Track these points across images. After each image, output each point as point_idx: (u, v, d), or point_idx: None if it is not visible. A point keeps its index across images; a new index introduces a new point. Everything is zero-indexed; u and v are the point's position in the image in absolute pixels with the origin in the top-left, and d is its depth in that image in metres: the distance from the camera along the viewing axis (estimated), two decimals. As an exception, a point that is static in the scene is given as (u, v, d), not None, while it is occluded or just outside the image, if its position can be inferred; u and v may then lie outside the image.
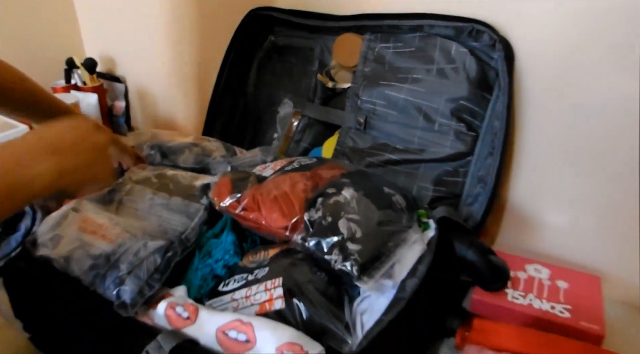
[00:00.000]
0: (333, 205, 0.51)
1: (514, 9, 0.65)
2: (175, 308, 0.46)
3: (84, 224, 0.52)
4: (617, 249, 0.69)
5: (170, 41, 1.04)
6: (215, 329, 0.43)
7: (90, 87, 1.11)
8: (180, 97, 1.11)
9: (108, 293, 0.47)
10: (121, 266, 0.47)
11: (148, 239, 0.50)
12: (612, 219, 0.68)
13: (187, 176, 0.60)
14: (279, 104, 0.78)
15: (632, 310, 0.69)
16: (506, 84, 0.63)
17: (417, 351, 0.57)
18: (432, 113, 0.67)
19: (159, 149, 0.66)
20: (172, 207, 0.55)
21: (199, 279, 0.52)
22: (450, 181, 0.67)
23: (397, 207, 0.55)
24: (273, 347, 0.41)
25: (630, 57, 0.59)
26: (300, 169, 0.57)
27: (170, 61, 1.07)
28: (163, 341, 0.42)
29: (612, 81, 0.62)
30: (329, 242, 0.48)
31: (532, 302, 0.64)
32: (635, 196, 0.65)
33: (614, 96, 0.62)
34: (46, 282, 0.52)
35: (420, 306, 0.50)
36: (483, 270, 0.57)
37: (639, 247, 0.67)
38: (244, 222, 0.54)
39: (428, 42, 0.68)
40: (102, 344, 0.49)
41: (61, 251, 0.50)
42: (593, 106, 0.64)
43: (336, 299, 0.47)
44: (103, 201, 0.58)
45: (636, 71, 0.60)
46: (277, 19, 0.79)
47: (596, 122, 0.65)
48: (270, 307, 0.45)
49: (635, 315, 0.68)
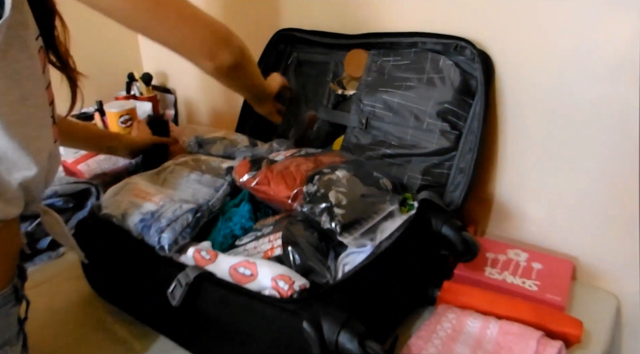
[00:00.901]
0: (327, 181, 0.64)
1: (494, 27, 0.76)
2: (200, 252, 0.60)
3: (137, 192, 0.68)
4: (588, 237, 0.77)
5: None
6: (229, 267, 0.57)
7: (146, 97, 1.30)
8: (218, 106, 1.28)
9: (152, 240, 0.61)
10: (162, 220, 0.62)
11: (183, 203, 0.65)
12: (584, 210, 0.76)
13: (217, 161, 0.75)
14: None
15: (599, 291, 0.76)
16: (483, 91, 0.74)
17: (398, 310, 0.68)
18: (421, 114, 0.79)
19: (197, 140, 0.82)
20: (203, 182, 0.70)
21: (220, 237, 0.66)
22: (437, 172, 0.78)
23: (383, 187, 0.68)
24: (269, 278, 0.53)
25: (595, 63, 0.68)
26: (305, 156, 0.71)
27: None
28: (190, 271, 0.56)
29: (581, 87, 0.70)
30: (320, 208, 0.61)
31: (506, 278, 0.73)
32: (604, 189, 0.74)
33: (584, 100, 0.71)
34: (107, 236, 0.68)
35: (395, 263, 0.61)
36: (456, 243, 0.67)
37: (607, 235, 0.75)
38: (257, 194, 0.68)
39: (421, 56, 0.80)
40: (146, 278, 0.63)
41: (119, 211, 0.66)
42: (565, 110, 0.73)
43: (323, 251, 0.60)
44: (152, 178, 0.74)
45: (602, 77, 0.68)
46: (299, 38, 0.94)
47: (568, 124, 0.73)
48: (272, 253, 0.58)
49: (600, 294, 0.76)
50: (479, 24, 0.77)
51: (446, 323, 0.64)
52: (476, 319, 0.64)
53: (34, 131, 0.48)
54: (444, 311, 0.66)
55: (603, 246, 0.76)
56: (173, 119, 1.37)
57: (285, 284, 0.52)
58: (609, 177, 0.72)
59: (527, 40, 0.73)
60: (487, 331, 0.62)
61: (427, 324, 0.64)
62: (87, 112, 1.30)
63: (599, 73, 0.68)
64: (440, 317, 0.65)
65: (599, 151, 0.72)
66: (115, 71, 1.34)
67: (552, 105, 0.74)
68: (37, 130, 0.49)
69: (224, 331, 0.57)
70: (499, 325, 0.62)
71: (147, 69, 1.40)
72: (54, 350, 0.67)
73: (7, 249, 0.50)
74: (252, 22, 1.08)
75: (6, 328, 0.48)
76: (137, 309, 0.70)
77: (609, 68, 0.67)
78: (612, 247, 0.75)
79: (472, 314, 0.65)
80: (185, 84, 1.35)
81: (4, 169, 0.46)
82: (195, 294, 0.56)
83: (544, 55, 0.72)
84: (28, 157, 0.47)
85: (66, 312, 0.75)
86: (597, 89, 0.70)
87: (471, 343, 0.61)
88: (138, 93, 1.30)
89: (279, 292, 0.52)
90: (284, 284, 0.52)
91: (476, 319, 0.64)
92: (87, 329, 0.72)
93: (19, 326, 0.51)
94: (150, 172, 0.75)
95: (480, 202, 0.86)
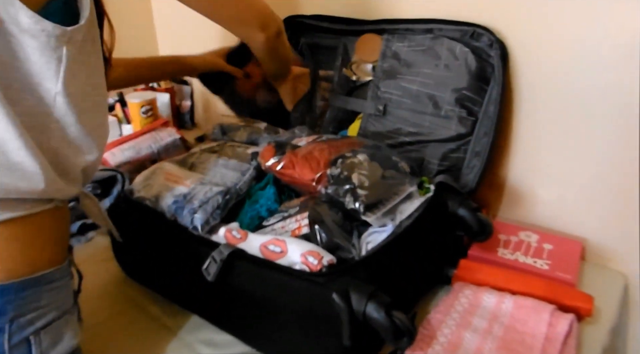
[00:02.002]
0: (349, 164, 0.67)
1: (511, 15, 0.78)
2: (231, 232, 0.63)
3: (168, 176, 0.72)
4: (597, 219, 0.80)
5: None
6: (259, 245, 0.61)
7: (163, 88, 1.33)
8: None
9: (185, 220, 0.65)
10: (194, 201, 0.65)
11: (213, 186, 0.68)
12: (593, 193, 0.79)
13: (242, 146, 0.79)
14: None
15: (608, 271, 0.80)
16: (500, 77, 0.77)
17: (417, 287, 0.72)
18: (440, 101, 0.81)
19: (221, 128, 0.85)
20: (230, 166, 0.73)
21: (247, 218, 0.69)
22: (454, 157, 0.81)
23: (401, 170, 0.71)
24: (298, 254, 0.57)
25: (607, 51, 0.71)
26: (327, 141, 0.74)
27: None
28: (223, 249, 0.59)
29: (593, 74, 0.73)
30: (344, 189, 0.64)
31: (518, 258, 0.77)
32: (613, 173, 0.76)
33: (595, 86, 0.73)
34: (141, 217, 0.71)
35: (414, 242, 0.64)
36: (471, 223, 0.70)
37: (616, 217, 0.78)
38: (282, 178, 0.71)
39: (437, 42, 0.82)
40: (179, 256, 0.67)
41: (152, 193, 0.69)
42: (577, 95, 0.76)
43: (348, 229, 0.63)
44: (180, 163, 0.77)
45: (613, 65, 0.71)
46: (307, 24, 0.97)
47: (579, 109, 0.76)
48: (299, 232, 0.62)
49: (609, 273, 0.79)
50: (494, 12, 0.80)
51: (463, 298, 0.67)
52: (492, 295, 0.67)
53: (99, 118, 0.53)
54: (460, 288, 0.69)
55: (611, 228, 0.79)
56: (189, 110, 1.41)
57: (315, 259, 0.55)
58: (617, 161, 0.75)
59: (541, 27, 0.76)
60: (502, 305, 0.66)
61: (445, 300, 0.68)
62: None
63: (610, 60, 0.71)
64: (457, 293, 0.68)
65: (608, 136, 0.75)
66: (133, 63, 1.37)
67: (564, 91, 0.77)
68: (101, 117, 0.54)
69: (255, 306, 0.61)
70: (514, 300, 0.66)
71: (164, 60, 1.43)
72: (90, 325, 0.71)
73: (64, 226, 0.54)
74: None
75: (66, 299, 0.53)
76: (168, 288, 0.74)
77: (619, 56, 0.70)
78: (620, 228, 0.78)
79: (487, 290, 0.68)
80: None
81: (72, 153, 0.51)
82: (229, 270, 0.59)
83: (557, 43, 0.75)
84: (93, 143, 0.52)
85: (99, 291, 0.79)
86: (608, 76, 0.72)
87: (487, 317, 0.64)
88: (156, 84, 1.34)
89: (309, 267, 0.56)
90: (313, 259, 0.56)
91: (492, 295, 0.67)
92: (120, 307, 0.76)
93: (75, 297, 0.55)
94: (177, 158, 0.79)
95: (492, 186, 0.89)
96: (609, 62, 0.71)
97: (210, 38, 1.14)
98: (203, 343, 0.67)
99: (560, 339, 0.59)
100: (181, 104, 1.41)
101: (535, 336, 0.60)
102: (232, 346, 0.66)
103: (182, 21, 1.33)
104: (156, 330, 0.70)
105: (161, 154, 1.07)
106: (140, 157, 1.05)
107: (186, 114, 1.41)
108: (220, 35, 1.24)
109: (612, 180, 0.77)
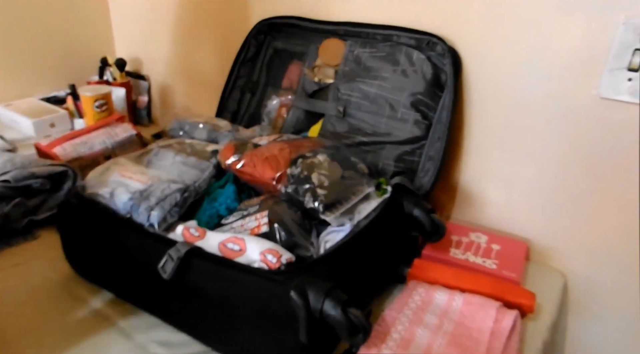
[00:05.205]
0: (309, 164, 0.68)
1: (464, 26, 0.82)
2: (189, 229, 0.63)
3: (124, 172, 0.70)
4: (539, 220, 0.85)
5: (189, 46, 1.23)
6: (218, 243, 0.60)
7: (119, 83, 1.29)
8: (194, 94, 1.30)
9: (141, 217, 0.64)
10: (151, 198, 0.64)
11: (171, 183, 0.67)
12: (535, 195, 0.84)
13: (201, 144, 0.78)
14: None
15: (549, 269, 0.85)
16: (452, 85, 0.80)
17: (373, 285, 0.73)
18: (396, 104, 0.84)
19: (179, 125, 0.84)
20: (188, 164, 0.72)
21: (206, 216, 0.69)
22: (408, 159, 0.84)
23: (360, 171, 0.73)
24: (257, 252, 0.57)
25: (549, 61, 0.76)
26: (287, 141, 0.75)
27: (187, 64, 1.26)
28: (181, 246, 0.59)
29: (536, 83, 0.78)
30: (303, 188, 0.65)
31: (469, 257, 0.80)
32: (553, 176, 0.81)
33: (538, 94, 0.78)
34: (93, 214, 0.69)
35: (371, 241, 0.66)
36: (426, 224, 0.73)
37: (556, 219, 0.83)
38: (242, 176, 0.71)
39: (396, 49, 0.86)
40: (134, 254, 0.66)
41: (106, 189, 0.68)
42: (522, 103, 0.80)
43: (307, 228, 0.64)
44: (137, 159, 0.75)
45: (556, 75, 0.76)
46: (278, 24, 0.97)
47: (524, 116, 0.80)
48: (258, 231, 0.62)
49: (550, 272, 0.84)
50: (448, 22, 0.83)
51: (416, 296, 0.70)
52: (443, 293, 0.70)
53: None
54: (414, 286, 0.72)
55: (552, 229, 0.84)
56: (146, 106, 1.37)
57: (274, 258, 0.56)
58: (557, 164, 0.80)
59: (492, 39, 0.80)
60: (452, 302, 0.68)
61: (399, 298, 0.70)
62: (58, 96, 1.28)
63: (553, 70, 0.76)
64: (411, 291, 0.71)
65: (549, 141, 0.80)
66: (87, 55, 1.33)
67: (511, 98, 0.81)
68: None
69: (212, 304, 0.61)
70: (463, 297, 0.69)
71: (120, 54, 1.39)
72: (37, 326, 0.68)
73: None
74: (232, 12, 1.10)
75: None
76: (122, 287, 0.72)
77: (561, 66, 0.75)
78: (560, 229, 0.83)
79: (439, 288, 0.71)
80: (159, 70, 1.35)
81: None
82: (186, 268, 0.59)
83: (505, 54, 0.79)
84: None
85: (47, 290, 0.76)
86: (552, 85, 0.77)
87: (439, 313, 0.67)
88: (111, 78, 1.30)
89: (267, 265, 0.56)
90: (272, 257, 0.56)
91: (443, 293, 0.70)
92: (69, 307, 0.73)
93: None
94: (133, 154, 0.77)
95: (446, 189, 0.93)
96: (552, 72, 0.76)
97: (167, 36, 1.12)
98: (157, 343, 0.66)
99: (505, 333, 0.63)
100: (138, 99, 1.37)
101: (482, 331, 0.63)
102: (188, 345, 0.65)
103: (139, 19, 1.30)
104: (108, 331, 0.68)
105: (116, 150, 1.04)
106: (93, 153, 1.02)
107: (143, 109, 1.37)
108: (172, 34, 1.23)
109: (553, 184, 0.82)
